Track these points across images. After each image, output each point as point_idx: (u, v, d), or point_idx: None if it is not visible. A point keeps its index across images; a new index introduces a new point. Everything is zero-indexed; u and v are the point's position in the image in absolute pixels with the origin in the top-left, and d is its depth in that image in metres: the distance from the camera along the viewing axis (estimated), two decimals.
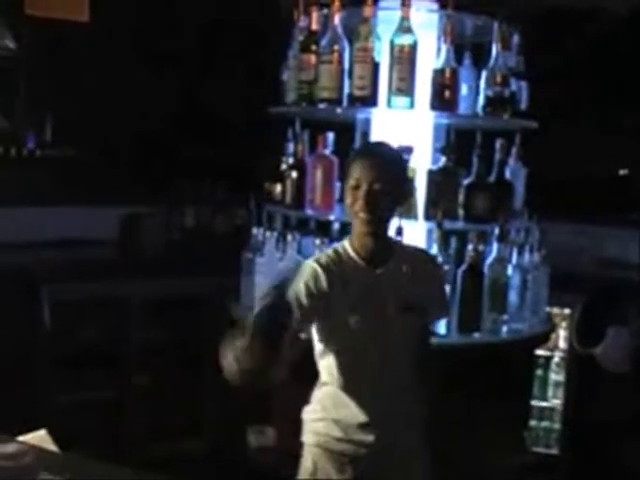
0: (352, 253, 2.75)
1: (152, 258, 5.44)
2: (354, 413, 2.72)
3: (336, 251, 2.79)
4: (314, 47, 3.64)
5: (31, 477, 2.35)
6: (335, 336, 2.73)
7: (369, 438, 2.72)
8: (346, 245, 2.77)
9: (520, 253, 3.88)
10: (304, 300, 2.65)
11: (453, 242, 3.74)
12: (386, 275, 2.74)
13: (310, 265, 2.74)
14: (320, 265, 2.73)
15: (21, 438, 2.65)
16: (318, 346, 2.78)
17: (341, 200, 3.71)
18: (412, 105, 3.51)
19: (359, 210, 2.64)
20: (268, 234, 3.83)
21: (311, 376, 2.84)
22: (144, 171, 5.74)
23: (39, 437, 2.71)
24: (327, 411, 2.79)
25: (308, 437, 2.84)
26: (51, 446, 2.68)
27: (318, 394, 2.84)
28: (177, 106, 5.88)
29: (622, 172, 6.46)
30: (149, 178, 5.68)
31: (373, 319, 2.70)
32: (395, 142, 3.49)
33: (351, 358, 2.73)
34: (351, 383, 2.74)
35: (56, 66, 5.62)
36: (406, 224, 3.45)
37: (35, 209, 5.29)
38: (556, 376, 5.53)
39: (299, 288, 2.63)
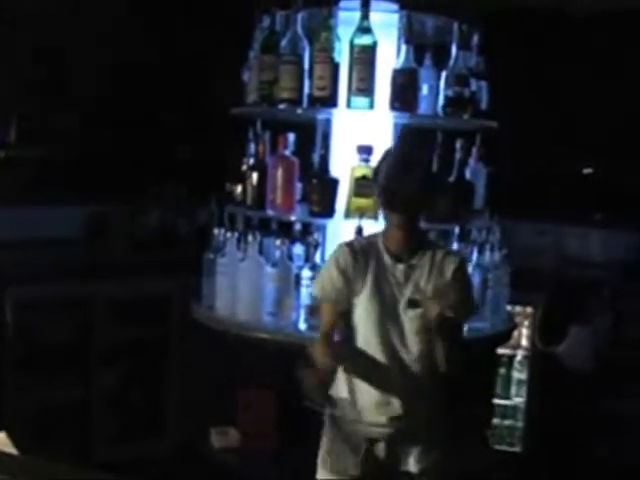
0: (381, 245, 2.92)
1: (116, 258, 5.42)
2: (370, 394, 2.87)
3: (369, 239, 3.00)
4: (275, 48, 3.65)
5: None
6: (353, 315, 2.92)
7: (382, 419, 2.86)
8: (379, 237, 2.96)
9: (481, 252, 3.89)
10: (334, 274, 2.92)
11: None
12: (406, 269, 2.90)
13: (341, 245, 2.99)
14: (350, 247, 2.95)
15: None
16: None
17: (302, 200, 3.73)
18: (372, 105, 3.52)
19: (395, 207, 2.82)
20: (229, 235, 3.82)
21: None
22: (107, 172, 5.71)
23: None
24: (346, 389, 2.94)
25: (327, 416, 3.01)
26: (10, 449, 2.65)
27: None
28: (140, 108, 5.85)
29: (585, 171, 6.50)
30: (112, 179, 5.65)
31: (384, 307, 2.87)
32: (355, 142, 3.53)
33: (363, 340, 2.90)
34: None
35: (21, 65, 5.58)
36: (366, 224, 3.45)
37: (0, 210, 5.26)
38: (519, 374, 5.57)
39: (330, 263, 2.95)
